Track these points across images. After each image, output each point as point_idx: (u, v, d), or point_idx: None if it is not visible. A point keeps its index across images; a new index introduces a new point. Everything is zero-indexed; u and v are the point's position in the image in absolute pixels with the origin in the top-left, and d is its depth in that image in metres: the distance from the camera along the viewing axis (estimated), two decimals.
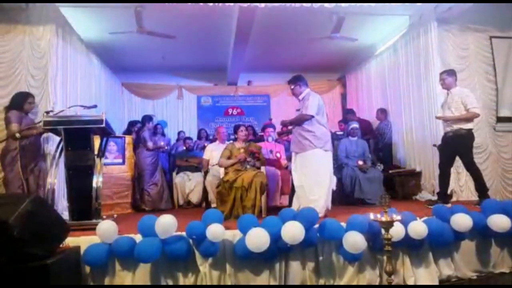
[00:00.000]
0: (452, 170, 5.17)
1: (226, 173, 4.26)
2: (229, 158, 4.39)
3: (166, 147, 6.03)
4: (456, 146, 4.34)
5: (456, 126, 4.27)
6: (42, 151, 4.31)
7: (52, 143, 4.34)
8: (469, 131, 4.27)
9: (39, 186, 4.04)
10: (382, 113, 6.59)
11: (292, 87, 4.03)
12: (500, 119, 5.54)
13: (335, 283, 2.92)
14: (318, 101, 3.87)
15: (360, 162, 5.17)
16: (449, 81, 4.38)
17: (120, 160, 5.33)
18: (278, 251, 2.84)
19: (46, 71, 4.66)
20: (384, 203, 2.66)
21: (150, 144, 5.41)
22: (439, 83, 4.57)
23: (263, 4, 4.60)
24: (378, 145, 6.46)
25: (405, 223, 2.87)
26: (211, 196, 4.96)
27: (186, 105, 8.72)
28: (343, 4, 4.66)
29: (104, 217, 3.57)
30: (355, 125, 5.55)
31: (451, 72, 4.46)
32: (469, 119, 4.25)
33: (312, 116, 3.79)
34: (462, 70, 5.54)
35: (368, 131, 6.62)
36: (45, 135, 4.24)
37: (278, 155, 5.12)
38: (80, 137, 3.42)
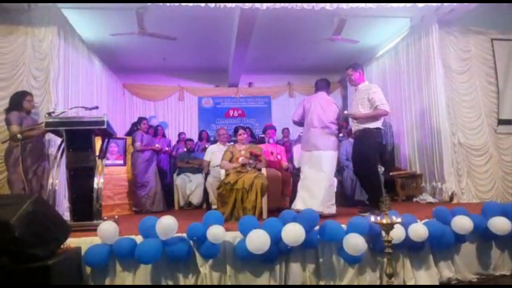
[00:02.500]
0: (452, 171, 5.20)
1: (227, 175, 4.26)
2: (230, 160, 4.40)
3: (161, 148, 6.01)
4: (362, 146, 3.96)
5: (362, 125, 3.92)
6: (45, 152, 4.32)
7: (54, 144, 4.36)
8: (377, 130, 3.88)
9: (42, 187, 4.04)
10: None
11: None
12: (501, 122, 5.55)
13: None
14: (299, 105, 4.19)
15: None
16: (356, 76, 4.01)
17: (121, 161, 5.35)
18: (279, 252, 2.84)
19: (48, 72, 4.68)
20: (384, 205, 2.66)
21: (137, 145, 5.43)
22: (347, 80, 4.24)
23: (264, 6, 4.60)
24: None
25: (405, 225, 2.87)
26: (212, 198, 4.97)
27: (187, 107, 8.74)
28: (344, 7, 4.66)
29: (105, 218, 3.56)
30: None
31: (356, 66, 4.08)
32: (376, 117, 3.88)
33: (293, 121, 4.22)
34: (463, 72, 5.56)
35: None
36: (47, 136, 4.24)
37: (278, 156, 5.12)
38: (81, 138, 3.42)
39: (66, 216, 3.63)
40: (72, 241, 2.70)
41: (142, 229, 2.81)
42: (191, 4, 4.48)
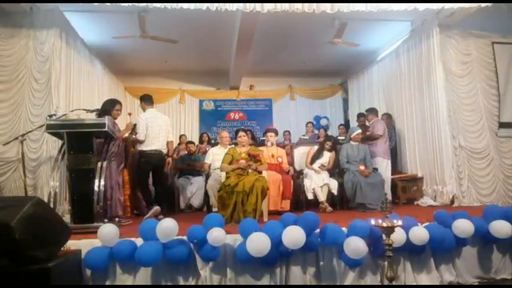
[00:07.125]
0: (453, 175, 5.20)
1: (227, 177, 4.26)
2: (230, 162, 4.40)
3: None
4: None
5: None
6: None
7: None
8: (140, 153, 4.59)
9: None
10: (388, 118, 6.49)
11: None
12: (502, 125, 5.54)
13: None
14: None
15: (362, 167, 5.14)
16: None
17: (122, 164, 5.32)
18: (279, 255, 2.84)
19: (50, 75, 4.69)
20: (385, 208, 2.65)
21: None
22: None
23: (265, 9, 4.60)
24: None
25: (406, 228, 2.86)
26: (213, 200, 4.96)
27: (188, 109, 8.77)
28: (345, 10, 4.67)
29: (105, 220, 3.57)
30: (358, 131, 5.49)
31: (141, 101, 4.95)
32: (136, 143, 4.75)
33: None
34: (464, 75, 5.55)
35: (372, 138, 6.50)
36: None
37: (279, 159, 5.12)
38: (82, 141, 3.44)
39: (66, 218, 3.64)
40: (72, 244, 2.70)
41: (143, 232, 2.81)
42: (192, 7, 4.49)
